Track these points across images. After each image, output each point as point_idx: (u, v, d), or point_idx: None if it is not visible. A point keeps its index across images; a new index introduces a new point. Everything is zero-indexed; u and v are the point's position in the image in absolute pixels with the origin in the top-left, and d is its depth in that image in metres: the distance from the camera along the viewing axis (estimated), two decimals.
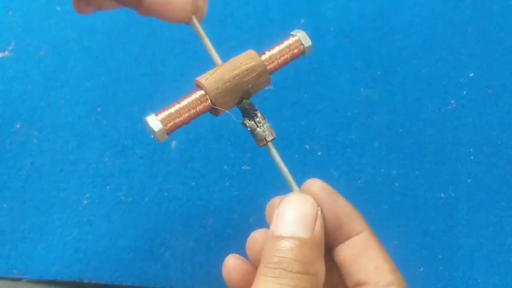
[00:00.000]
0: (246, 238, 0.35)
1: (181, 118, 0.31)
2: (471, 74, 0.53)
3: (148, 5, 0.30)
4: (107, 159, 0.51)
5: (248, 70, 0.31)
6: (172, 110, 0.30)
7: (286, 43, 0.34)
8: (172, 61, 0.54)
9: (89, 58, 0.54)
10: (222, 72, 0.31)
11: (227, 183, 0.50)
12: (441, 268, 0.48)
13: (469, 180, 0.50)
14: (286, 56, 0.34)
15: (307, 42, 0.34)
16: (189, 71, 0.54)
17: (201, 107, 0.31)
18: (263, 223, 0.48)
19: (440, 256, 0.48)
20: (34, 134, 0.52)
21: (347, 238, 0.32)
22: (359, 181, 0.50)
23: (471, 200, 0.49)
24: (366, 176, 0.50)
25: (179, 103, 0.31)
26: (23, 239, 0.49)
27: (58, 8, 0.55)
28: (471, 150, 0.51)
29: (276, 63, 0.33)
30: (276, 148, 0.33)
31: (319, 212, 0.30)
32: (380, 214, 0.49)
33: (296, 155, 0.51)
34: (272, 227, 0.29)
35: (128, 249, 0.48)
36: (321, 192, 0.32)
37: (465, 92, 0.52)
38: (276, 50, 0.33)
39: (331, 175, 0.50)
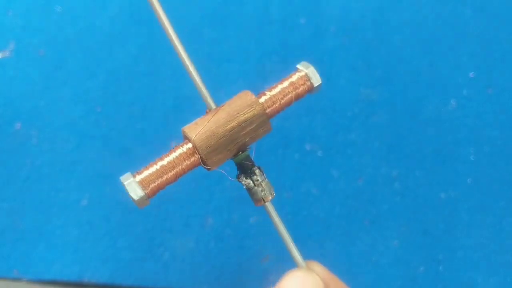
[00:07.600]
0: (246, 238, 0.35)
1: (165, 178, 0.26)
2: (471, 74, 0.53)
3: None
4: (107, 159, 0.51)
5: (247, 121, 0.26)
6: (153, 169, 0.25)
7: (289, 80, 0.28)
8: (172, 61, 0.54)
9: (89, 57, 0.54)
10: (215, 124, 0.25)
11: (227, 183, 0.50)
12: (441, 268, 0.48)
13: (469, 180, 0.50)
14: (290, 95, 0.28)
15: (317, 80, 0.28)
16: None
17: (188, 162, 0.26)
18: (263, 223, 0.48)
19: (440, 256, 0.48)
20: (34, 134, 0.52)
21: None
22: (359, 181, 0.50)
23: (471, 200, 0.49)
24: (366, 176, 0.50)
25: (162, 159, 0.25)
26: (23, 239, 0.49)
27: (58, 8, 0.55)
28: (471, 150, 0.51)
29: (277, 104, 0.28)
30: (275, 208, 0.28)
31: None
32: (380, 214, 0.49)
33: (296, 155, 0.51)
34: None
35: (128, 249, 0.48)
36: (326, 273, 0.29)
37: (465, 92, 0.52)
38: (278, 89, 0.28)
39: (331, 175, 0.50)
